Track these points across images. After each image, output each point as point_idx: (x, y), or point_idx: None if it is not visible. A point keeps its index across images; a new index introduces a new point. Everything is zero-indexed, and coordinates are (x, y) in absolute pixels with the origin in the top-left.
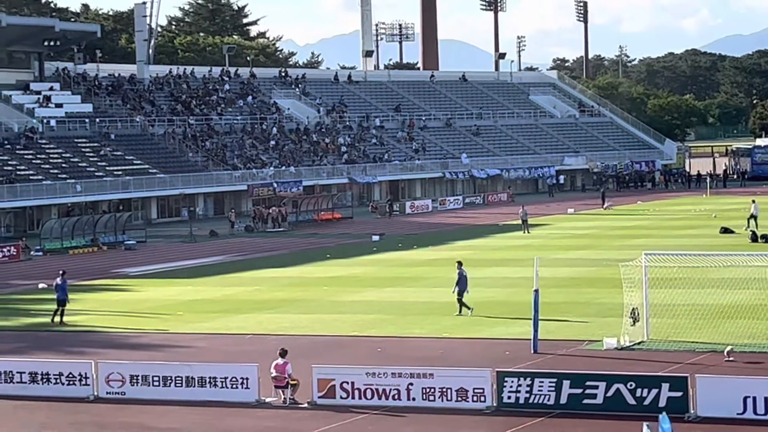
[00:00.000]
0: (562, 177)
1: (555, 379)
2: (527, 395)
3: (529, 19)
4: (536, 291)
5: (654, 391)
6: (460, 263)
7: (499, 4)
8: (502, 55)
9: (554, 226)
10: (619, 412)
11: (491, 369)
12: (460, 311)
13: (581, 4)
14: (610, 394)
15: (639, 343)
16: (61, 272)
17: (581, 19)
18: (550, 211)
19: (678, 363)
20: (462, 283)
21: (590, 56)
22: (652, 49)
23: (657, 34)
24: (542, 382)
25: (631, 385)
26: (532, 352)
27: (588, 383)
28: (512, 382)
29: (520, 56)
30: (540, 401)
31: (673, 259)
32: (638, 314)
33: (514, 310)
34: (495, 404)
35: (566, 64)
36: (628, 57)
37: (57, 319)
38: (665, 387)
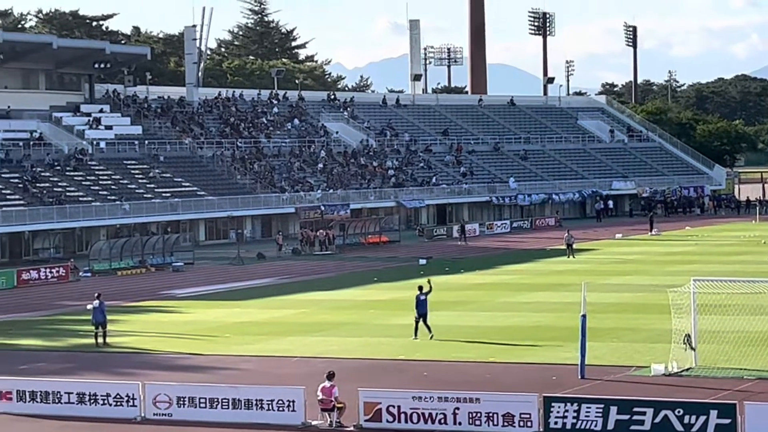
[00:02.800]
0: (610, 202)
1: (602, 405)
2: (574, 421)
3: (578, 43)
4: (584, 316)
5: (702, 418)
6: (420, 287)
7: (548, 29)
8: (551, 80)
9: (602, 251)
10: None
11: (538, 394)
12: (415, 335)
13: (630, 28)
14: (657, 420)
15: (687, 370)
16: (96, 295)
17: (630, 43)
18: (598, 236)
19: (726, 390)
20: (421, 307)
21: (639, 81)
22: (701, 74)
23: (706, 59)
24: (589, 407)
25: (679, 412)
26: (579, 377)
27: (635, 409)
28: (559, 407)
29: (568, 81)
30: (587, 427)
31: (722, 286)
32: (692, 340)
33: (561, 335)
34: (541, 429)
35: (615, 89)
36: (677, 82)
37: (100, 341)
38: (713, 414)
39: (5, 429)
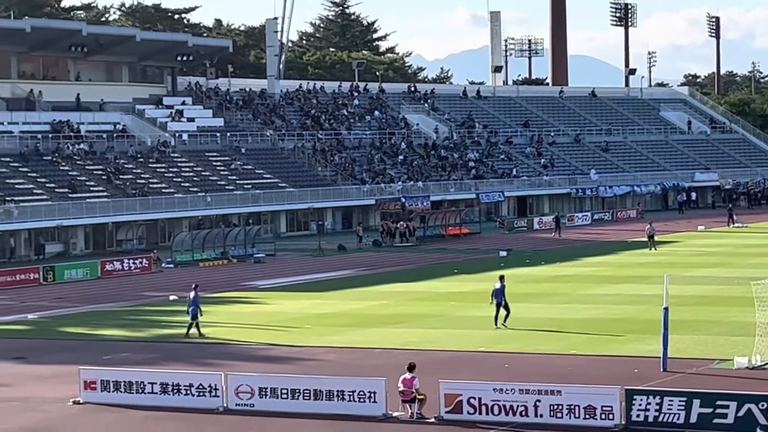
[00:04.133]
0: (693, 194)
1: (685, 398)
2: (656, 414)
3: (660, 34)
4: (666, 309)
5: None
6: (501, 277)
7: (629, 19)
8: (633, 71)
9: (684, 243)
10: None
11: (620, 387)
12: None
13: (713, 19)
14: (741, 414)
15: None
16: (194, 286)
17: (713, 34)
18: (680, 228)
19: None
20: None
21: (722, 72)
22: None
23: None
24: (672, 400)
25: (763, 405)
26: (662, 370)
27: (719, 402)
28: (641, 400)
29: (650, 72)
30: (669, 420)
31: None
32: None
33: (643, 328)
34: (623, 422)
35: (697, 80)
36: (760, 73)
37: (193, 331)
38: None
39: (90, 419)
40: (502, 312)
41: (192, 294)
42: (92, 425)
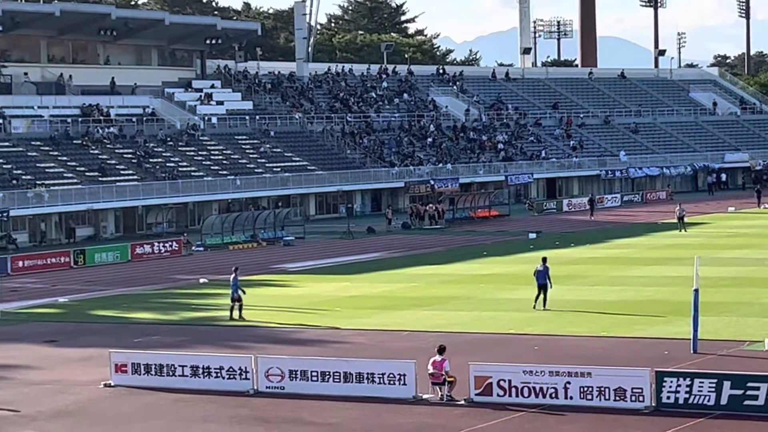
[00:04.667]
0: (723, 175)
1: (715, 380)
2: (687, 396)
3: (689, 15)
4: (696, 290)
5: None
6: (543, 258)
7: (659, 0)
8: (662, 52)
9: (714, 225)
10: None
11: (650, 369)
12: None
13: None
14: None
15: None
16: (234, 269)
17: (743, 14)
18: (710, 209)
19: None
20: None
21: (752, 52)
22: None
23: None
24: (702, 382)
25: None
26: (692, 352)
27: (749, 384)
28: (671, 382)
29: (680, 53)
30: (700, 402)
31: None
32: None
33: (673, 310)
34: (654, 404)
35: (727, 61)
36: None
37: (235, 314)
38: None
39: (121, 401)
40: (543, 294)
41: (232, 276)
42: (123, 408)
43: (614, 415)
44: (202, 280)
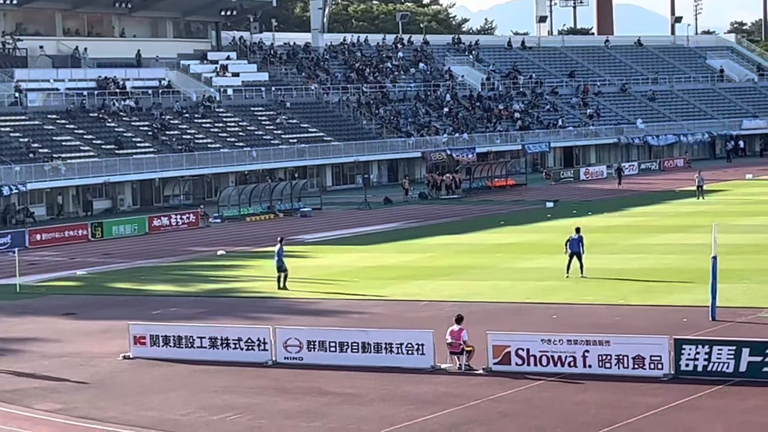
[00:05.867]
0: (741, 142)
1: (734, 347)
2: (705, 363)
3: None
4: (714, 258)
5: None
6: (577, 228)
7: None
8: (678, 19)
9: (731, 192)
10: None
11: (669, 336)
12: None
13: None
14: None
15: None
16: (279, 239)
17: None
18: (728, 176)
19: None
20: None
21: None
22: None
23: None
24: (721, 349)
25: None
26: (710, 319)
27: None
28: (690, 349)
29: (696, 20)
30: (718, 369)
31: None
32: None
33: (692, 277)
34: (672, 372)
35: (744, 27)
36: None
37: (281, 284)
38: None
39: (140, 373)
40: (576, 263)
41: (277, 247)
42: (142, 379)
43: (633, 383)
44: (219, 252)
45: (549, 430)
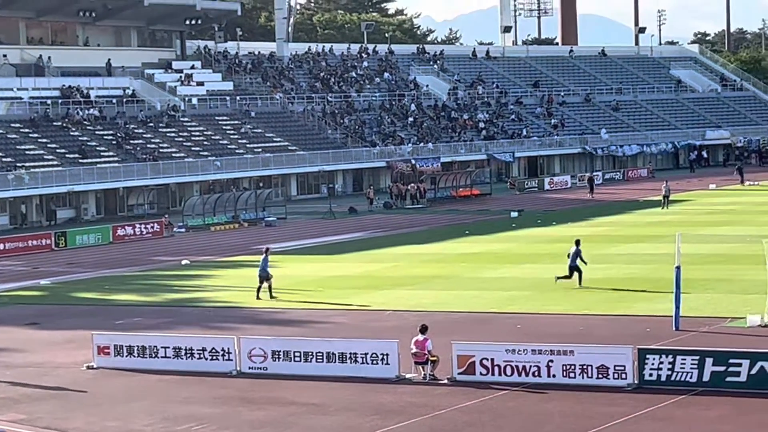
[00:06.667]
0: (704, 152)
1: (697, 357)
2: (669, 373)
3: None
4: (678, 267)
5: None
6: (576, 241)
7: None
8: (642, 30)
9: (695, 202)
10: (763, 390)
11: (632, 346)
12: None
13: None
14: (754, 372)
15: None
16: (264, 249)
17: None
18: (691, 186)
19: None
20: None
21: (732, 30)
22: None
23: None
24: (684, 359)
25: None
26: (674, 329)
27: (731, 361)
28: (654, 359)
29: (660, 30)
30: (682, 379)
31: None
32: None
33: (655, 287)
34: (636, 382)
35: (707, 38)
36: None
37: (263, 294)
38: None
39: (104, 383)
40: (578, 274)
41: (263, 257)
42: (106, 390)
43: (597, 393)
44: (184, 262)
45: None
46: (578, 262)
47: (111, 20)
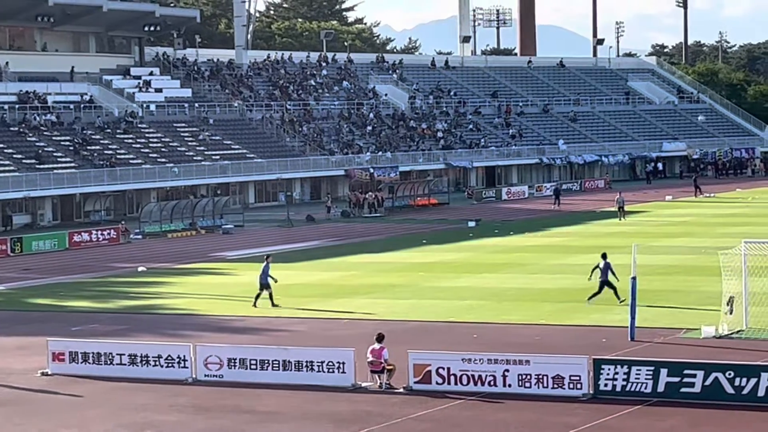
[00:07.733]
0: (660, 164)
1: (652, 368)
2: (624, 383)
3: (627, 3)
4: (634, 278)
5: (753, 381)
6: (603, 254)
7: None
8: (601, 41)
9: (652, 214)
10: (717, 401)
11: (588, 356)
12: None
13: None
14: (708, 383)
15: (738, 332)
16: (266, 256)
17: (681, 4)
18: (648, 198)
19: None
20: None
21: (690, 42)
22: (752, 35)
23: (758, 19)
24: (639, 370)
25: (729, 374)
26: (630, 339)
27: (686, 372)
28: (609, 369)
29: (618, 42)
30: (637, 389)
31: None
32: (734, 304)
33: (611, 298)
34: (591, 392)
35: (665, 50)
36: (728, 43)
37: (259, 303)
38: (765, 376)
39: (58, 390)
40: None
41: (263, 264)
42: (61, 396)
43: (552, 402)
44: (140, 269)
45: None
46: (610, 276)
47: (69, 26)
